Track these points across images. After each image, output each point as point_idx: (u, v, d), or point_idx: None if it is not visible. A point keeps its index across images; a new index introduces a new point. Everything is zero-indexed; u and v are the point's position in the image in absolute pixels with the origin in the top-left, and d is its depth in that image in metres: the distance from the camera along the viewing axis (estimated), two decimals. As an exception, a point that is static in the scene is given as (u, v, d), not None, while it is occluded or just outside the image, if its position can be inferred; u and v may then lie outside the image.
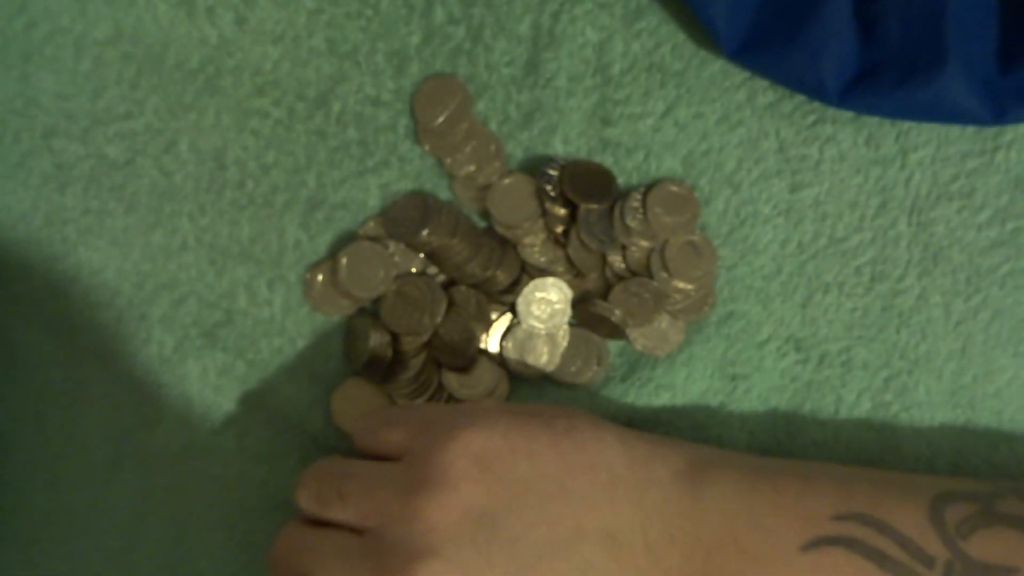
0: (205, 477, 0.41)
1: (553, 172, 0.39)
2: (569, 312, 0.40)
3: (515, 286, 0.40)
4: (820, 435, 0.40)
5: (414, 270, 0.40)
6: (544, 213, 0.40)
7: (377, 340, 0.40)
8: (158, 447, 0.41)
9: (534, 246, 0.40)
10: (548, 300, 0.40)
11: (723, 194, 0.40)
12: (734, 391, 0.40)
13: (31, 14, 0.41)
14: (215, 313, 0.41)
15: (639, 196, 0.39)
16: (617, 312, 0.39)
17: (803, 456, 0.40)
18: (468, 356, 0.40)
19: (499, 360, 0.40)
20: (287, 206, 0.41)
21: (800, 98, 0.39)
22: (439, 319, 0.40)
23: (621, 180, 0.40)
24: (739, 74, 0.40)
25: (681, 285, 0.39)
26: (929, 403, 0.40)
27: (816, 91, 0.38)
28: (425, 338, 0.40)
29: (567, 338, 0.40)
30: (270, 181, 0.41)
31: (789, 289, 0.40)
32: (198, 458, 0.41)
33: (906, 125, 0.39)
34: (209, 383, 0.41)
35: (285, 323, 0.41)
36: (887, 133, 0.39)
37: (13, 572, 0.41)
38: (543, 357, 0.40)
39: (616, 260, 0.40)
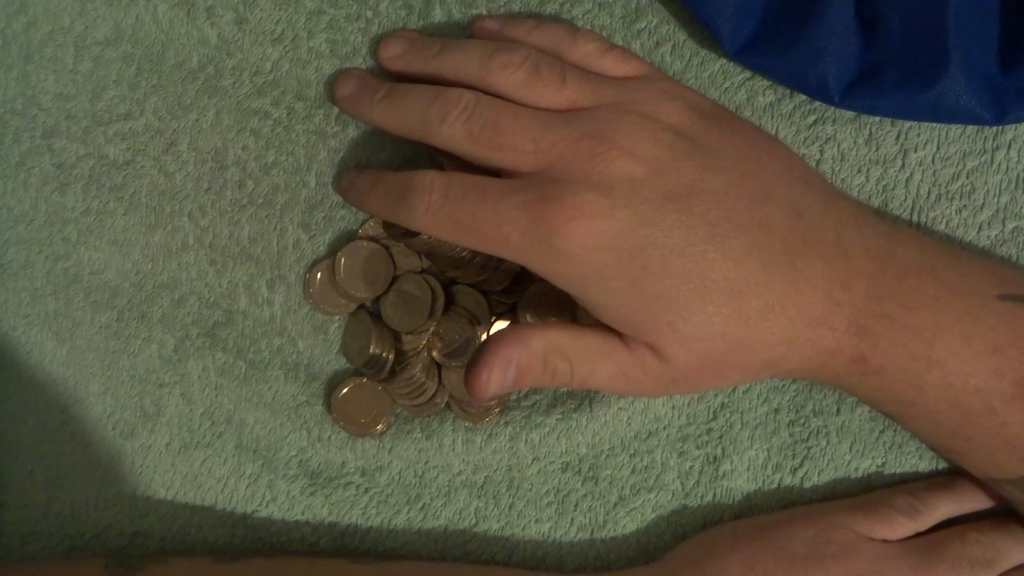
0: (205, 477, 0.41)
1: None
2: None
3: (515, 286, 0.40)
4: (824, 433, 0.40)
5: (414, 269, 0.40)
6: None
7: (377, 339, 0.40)
8: (158, 447, 0.41)
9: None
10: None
11: (723, 194, 0.40)
12: (734, 390, 0.40)
13: (31, 14, 0.41)
14: (215, 313, 0.41)
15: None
16: None
17: (807, 457, 0.40)
18: (468, 356, 0.40)
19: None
20: (287, 206, 0.41)
21: (800, 98, 0.39)
22: (439, 319, 0.40)
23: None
24: (739, 74, 0.40)
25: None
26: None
27: (818, 91, 0.38)
28: (425, 337, 0.40)
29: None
30: (270, 181, 0.41)
31: (790, 289, 0.40)
32: (198, 458, 0.41)
33: (906, 125, 0.39)
34: (209, 383, 0.41)
35: (285, 323, 0.41)
36: (887, 133, 0.39)
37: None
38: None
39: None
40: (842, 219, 0.35)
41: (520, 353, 0.34)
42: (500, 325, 0.40)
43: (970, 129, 0.39)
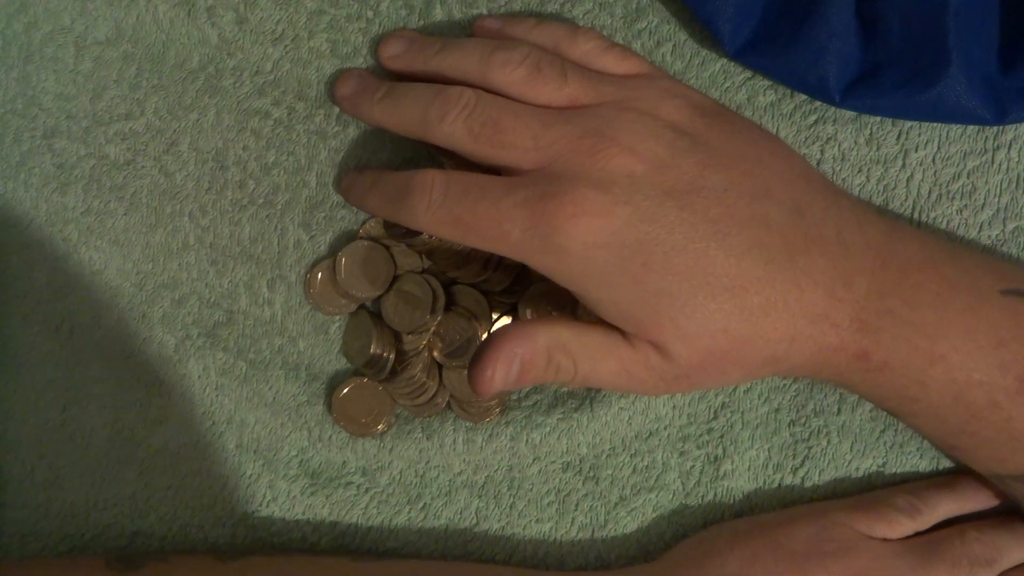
0: (205, 477, 0.41)
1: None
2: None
3: (515, 286, 0.40)
4: (825, 433, 0.40)
5: (414, 269, 0.40)
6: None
7: (378, 339, 0.39)
8: (158, 447, 0.41)
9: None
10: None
11: (724, 194, 0.40)
12: (735, 390, 0.40)
13: (32, 14, 0.41)
14: (216, 313, 0.41)
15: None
16: None
17: (808, 457, 0.40)
18: (468, 355, 0.40)
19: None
20: (288, 206, 0.41)
21: (801, 98, 0.39)
22: (439, 318, 0.40)
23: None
24: (740, 74, 0.40)
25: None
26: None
27: (818, 91, 0.38)
28: (426, 337, 0.40)
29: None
30: (271, 181, 0.41)
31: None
32: (198, 458, 0.41)
33: (907, 124, 0.39)
34: (210, 382, 0.41)
35: (286, 323, 0.41)
36: (888, 133, 0.39)
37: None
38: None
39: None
40: (843, 216, 0.35)
41: (524, 349, 0.34)
42: (500, 325, 0.40)
43: (970, 129, 0.39)
